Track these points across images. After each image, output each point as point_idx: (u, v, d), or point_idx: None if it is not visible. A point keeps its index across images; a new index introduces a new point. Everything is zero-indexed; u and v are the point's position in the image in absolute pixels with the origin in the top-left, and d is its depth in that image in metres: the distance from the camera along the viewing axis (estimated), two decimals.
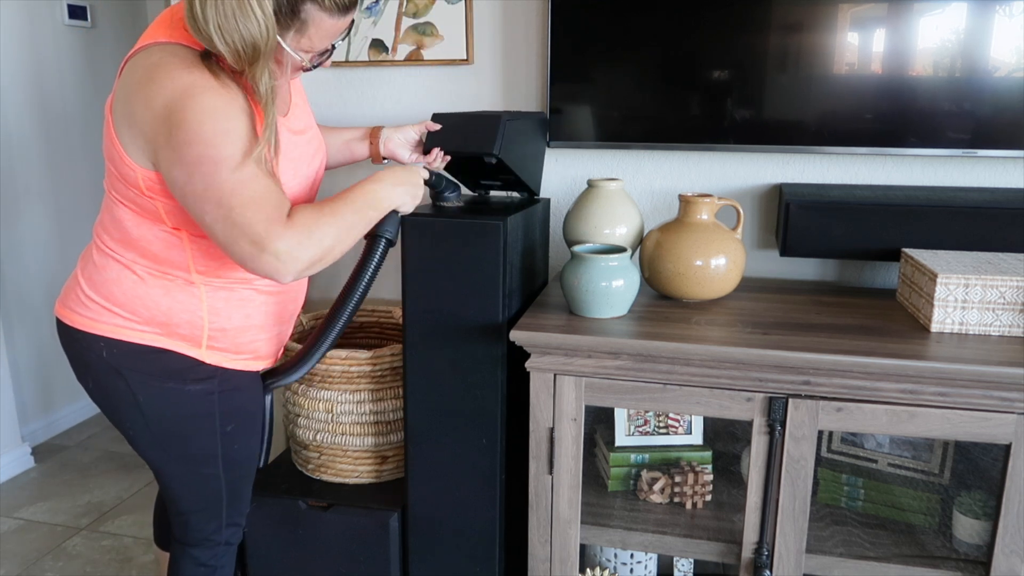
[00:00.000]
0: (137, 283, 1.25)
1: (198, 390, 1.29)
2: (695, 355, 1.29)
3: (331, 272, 2.03)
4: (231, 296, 1.29)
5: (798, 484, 1.31)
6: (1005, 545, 1.27)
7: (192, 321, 1.27)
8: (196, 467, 1.35)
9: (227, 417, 1.34)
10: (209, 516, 1.40)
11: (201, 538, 1.41)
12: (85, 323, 1.27)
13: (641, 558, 1.71)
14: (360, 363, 1.61)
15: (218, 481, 1.37)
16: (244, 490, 1.44)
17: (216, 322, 1.28)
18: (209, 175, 1.08)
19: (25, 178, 2.85)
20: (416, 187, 1.32)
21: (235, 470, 1.39)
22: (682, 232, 1.48)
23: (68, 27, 2.96)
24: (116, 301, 1.26)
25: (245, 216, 1.08)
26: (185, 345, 1.27)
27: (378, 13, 1.83)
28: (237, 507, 1.44)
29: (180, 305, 1.26)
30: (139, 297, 1.25)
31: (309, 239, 1.11)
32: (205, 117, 1.08)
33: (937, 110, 1.57)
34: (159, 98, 1.09)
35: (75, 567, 2.18)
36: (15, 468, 2.74)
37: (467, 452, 1.49)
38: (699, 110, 1.68)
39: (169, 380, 1.28)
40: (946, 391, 1.23)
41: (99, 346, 1.27)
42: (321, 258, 1.14)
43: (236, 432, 1.36)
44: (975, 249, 1.49)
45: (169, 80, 1.09)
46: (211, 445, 1.34)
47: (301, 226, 1.11)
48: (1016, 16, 1.50)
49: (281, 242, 1.09)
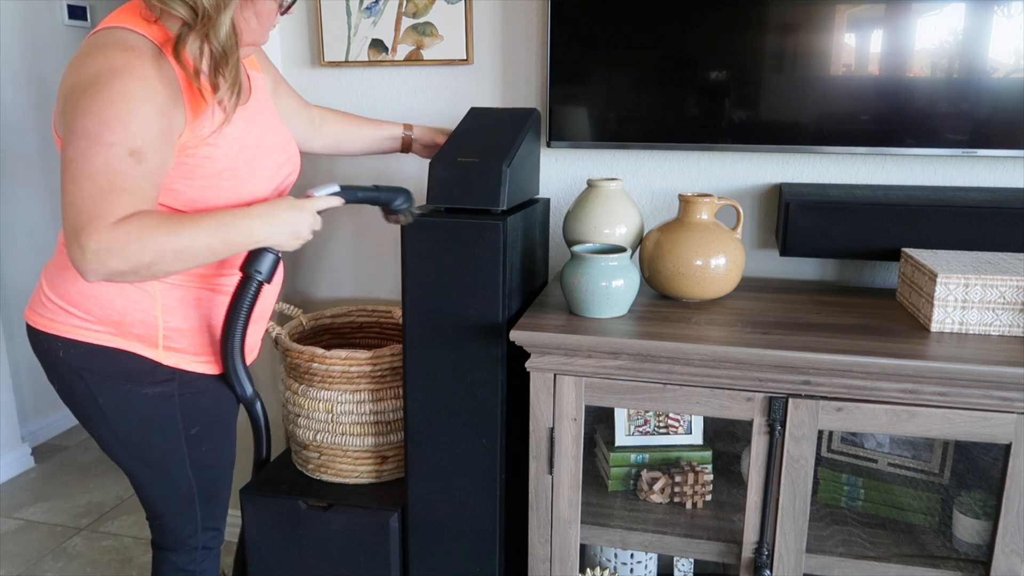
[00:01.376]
0: (91, 283, 1.20)
1: (157, 393, 1.27)
2: (695, 355, 1.29)
3: (332, 271, 2.03)
4: (187, 296, 1.27)
5: (798, 484, 1.32)
6: (1005, 545, 1.27)
7: (146, 320, 1.25)
8: (164, 470, 1.34)
9: (190, 420, 1.32)
10: (184, 520, 1.39)
11: (177, 543, 1.41)
12: (44, 323, 1.27)
13: (641, 558, 1.71)
14: (360, 363, 1.61)
15: (188, 484, 1.36)
16: (219, 493, 1.43)
17: (171, 322, 1.26)
18: (84, 150, 1.06)
19: (25, 179, 2.85)
20: (300, 227, 1.23)
21: (205, 473, 1.37)
22: (682, 232, 1.48)
23: (68, 27, 2.96)
24: (72, 300, 1.24)
25: (84, 201, 1.05)
26: (140, 346, 1.25)
27: (378, 13, 1.83)
28: (212, 511, 1.42)
29: (133, 304, 1.24)
30: (93, 296, 1.23)
31: (122, 250, 1.06)
32: (116, 98, 1.07)
33: (936, 110, 1.57)
34: (88, 70, 1.09)
35: (75, 567, 2.18)
36: (15, 468, 2.74)
37: (467, 452, 1.49)
38: (699, 110, 1.68)
39: (127, 382, 1.26)
40: (946, 391, 1.23)
41: (57, 346, 1.26)
42: (134, 271, 1.08)
43: (202, 435, 1.34)
44: (975, 249, 1.49)
45: (104, 58, 1.09)
46: (176, 448, 1.32)
47: (122, 235, 1.05)
48: (1014, 16, 1.50)
49: (93, 241, 1.04)
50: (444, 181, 1.43)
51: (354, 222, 1.99)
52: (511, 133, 1.51)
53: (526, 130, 1.53)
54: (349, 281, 2.04)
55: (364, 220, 1.98)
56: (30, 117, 2.84)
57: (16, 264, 2.84)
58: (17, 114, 2.79)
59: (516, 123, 1.55)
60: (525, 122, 1.55)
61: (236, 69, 1.17)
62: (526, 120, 1.56)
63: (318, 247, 2.03)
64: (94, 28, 1.16)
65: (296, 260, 2.05)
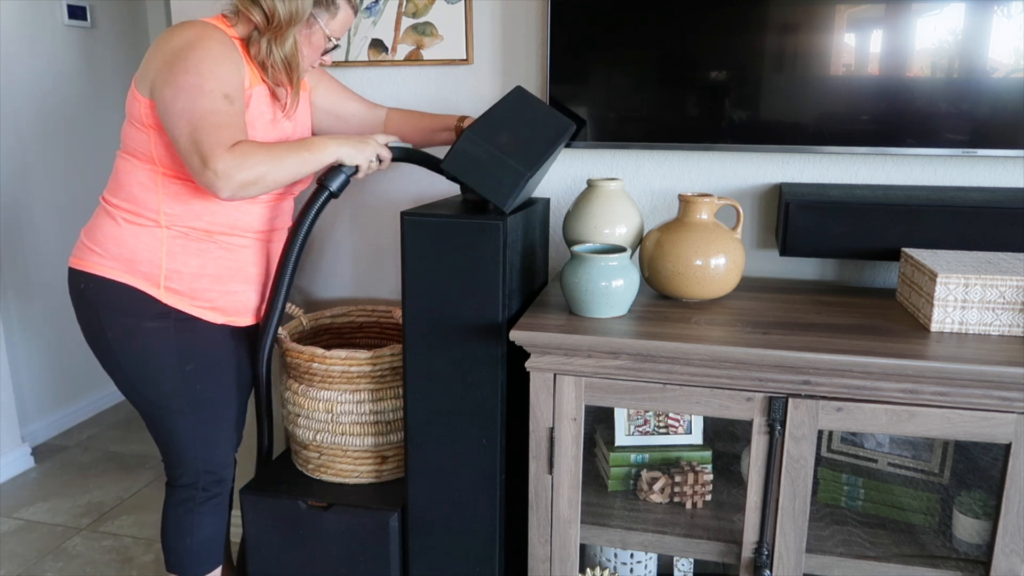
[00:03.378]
0: (113, 226, 1.47)
1: (154, 327, 1.47)
2: (695, 355, 1.29)
3: (332, 271, 2.03)
4: (188, 244, 1.47)
5: (798, 484, 1.32)
6: (1005, 545, 1.27)
7: (152, 260, 1.45)
8: (164, 405, 1.51)
9: (185, 356, 1.49)
10: (184, 459, 1.56)
11: (179, 480, 1.59)
12: (75, 262, 1.51)
13: (641, 558, 1.71)
14: (360, 363, 1.61)
15: (186, 421, 1.53)
16: (216, 436, 1.58)
17: (172, 264, 1.46)
18: (191, 99, 1.33)
19: (25, 180, 2.85)
20: (364, 145, 1.48)
21: (201, 411, 1.53)
22: (682, 232, 1.48)
23: (68, 27, 2.96)
24: (96, 241, 1.48)
25: (203, 136, 1.32)
26: (144, 283, 1.46)
27: (378, 13, 1.83)
28: (210, 454, 1.57)
29: (144, 245, 1.45)
30: (112, 237, 1.46)
31: (244, 163, 1.32)
32: (206, 55, 1.36)
33: (936, 110, 1.57)
34: (175, 40, 1.38)
35: (75, 567, 2.18)
36: (15, 468, 2.74)
37: (467, 452, 1.49)
38: (699, 110, 1.68)
39: (129, 316, 1.46)
40: (946, 391, 1.23)
41: (80, 281, 1.49)
42: (255, 181, 1.34)
43: (198, 372, 1.51)
44: (975, 249, 1.49)
45: (189, 30, 1.39)
46: (174, 383, 1.49)
47: (239, 153, 1.32)
48: (1014, 16, 1.50)
49: (220, 163, 1.31)
50: (466, 154, 1.41)
51: (354, 222, 1.99)
52: (545, 142, 1.47)
53: (559, 144, 1.50)
54: (349, 281, 2.04)
55: (364, 220, 1.98)
56: (30, 117, 2.84)
57: (16, 265, 2.84)
58: (17, 114, 2.79)
59: (553, 132, 1.51)
60: (561, 135, 1.51)
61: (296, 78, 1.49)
62: (562, 133, 1.52)
63: (318, 247, 2.03)
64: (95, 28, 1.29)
65: None
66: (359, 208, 1.98)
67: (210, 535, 1.62)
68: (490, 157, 1.42)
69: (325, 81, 1.68)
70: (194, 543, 1.60)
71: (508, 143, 1.44)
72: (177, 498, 1.60)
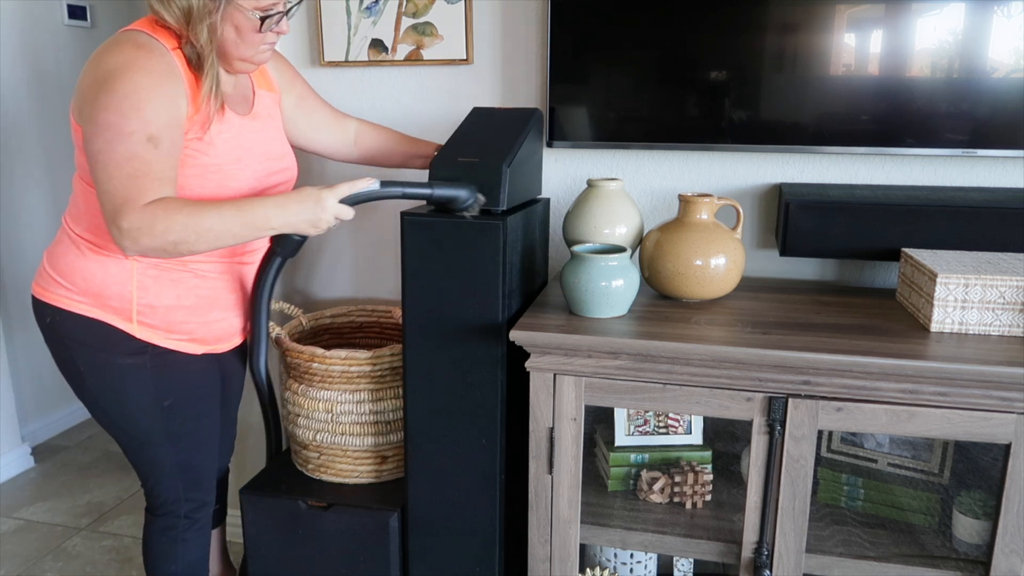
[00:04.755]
0: (78, 256, 1.37)
1: (130, 364, 1.38)
2: (695, 355, 1.29)
3: (332, 271, 2.03)
4: (162, 275, 1.38)
5: (798, 484, 1.32)
6: (1005, 545, 1.27)
7: (122, 294, 1.36)
8: (142, 439, 1.45)
9: (164, 392, 1.42)
10: (165, 488, 1.51)
11: (161, 508, 1.53)
12: (39, 291, 1.41)
13: (641, 558, 1.71)
14: (360, 363, 1.61)
15: (166, 453, 1.47)
16: (199, 465, 1.52)
17: (144, 298, 1.37)
18: (109, 141, 1.21)
19: (25, 178, 2.85)
20: (317, 216, 1.31)
21: (183, 444, 1.48)
22: (682, 232, 1.48)
23: (68, 27, 2.96)
24: (60, 271, 1.38)
25: (116, 186, 1.21)
26: (116, 318, 1.37)
27: (378, 13, 1.83)
28: (193, 482, 1.52)
29: (112, 278, 1.35)
30: (78, 269, 1.36)
31: (151, 229, 1.21)
32: (132, 89, 1.21)
33: (936, 110, 1.57)
34: (103, 65, 1.24)
35: (75, 567, 2.18)
36: (15, 468, 2.74)
37: (467, 452, 1.49)
38: (699, 110, 1.68)
39: (102, 351, 1.38)
40: (946, 391, 1.23)
41: (46, 313, 1.40)
42: (164, 249, 1.23)
43: (177, 407, 1.44)
44: (975, 249, 1.49)
45: (116, 55, 1.24)
46: (151, 418, 1.43)
47: (150, 216, 1.20)
48: (1014, 16, 1.50)
49: (126, 221, 1.20)
50: (442, 174, 1.43)
51: (354, 222, 1.99)
52: (513, 133, 1.51)
53: (528, 130, 1.53)
54: (349, 281, 2.04)
55: (364, 220, 1.98)
56: (30, 117, 2.84)
57: (16, 265, 2.84)
58: (17, 114, 2.79)
59: (518, 123, 1.55)
60: (527, 122, 1.55)
61: (211, 76, 1.30)
62: (528, 120, 1.55)
63: (318, 247, 2.03)
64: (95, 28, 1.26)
65: (296, 260, 2.05)
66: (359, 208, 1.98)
67: (196, 558, 1.59)
68: (465, 171, 1.42)
69: (298, 88, 1.58)
70: (179, 570, 1.56)
71: (478, 150, 1.45)
72: (158, 526, 1.55)
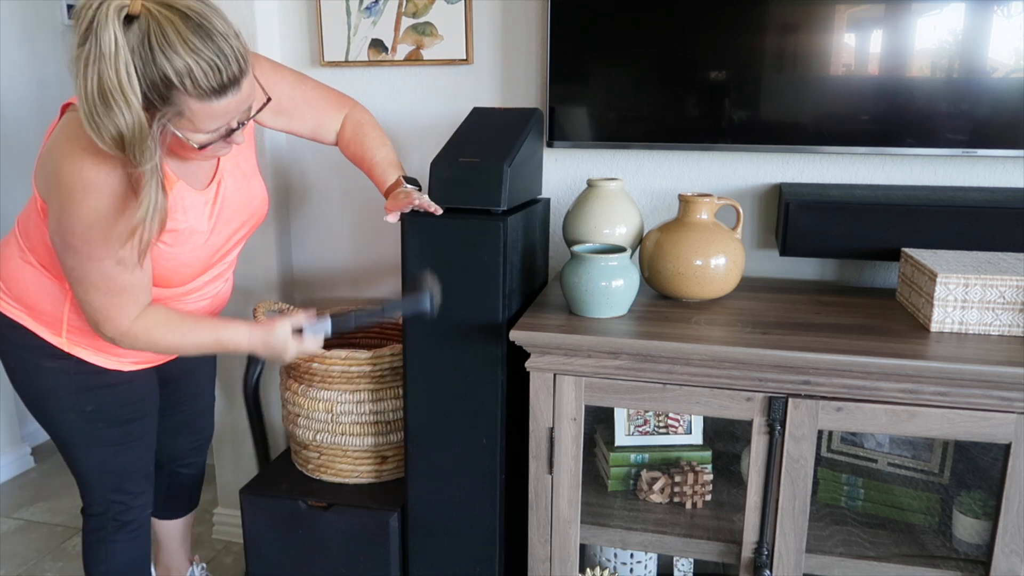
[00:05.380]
0: (19, 266, 1.35)
1: (53, 367, 1.38)
2: (695, 355, 1.29)
3: (331, 271, 2.03)
4: None
5: (798, 484, 1.31)
6: (1005, 545, 1.27)
7: (53, 313, 1.35)
8: (66, 439, 1.45)
9: (84, 397, 1.40)
10: (91, 488, 1.51)
11: (90, 510, 1.53)
12: None
13: (641, 558, 1.71)
14: (360, 363, 1.61)
15: (88, 455, 1.46)
16: (125, 468, 1.50)
17: (75, 321, 1.35)
18: (81, 263, 1.20)
19: (25, 178, 2.85)
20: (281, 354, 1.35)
21: (107, 448, 1.46)
22: (682, 232, 1.48)
23: (68, 27, 2.96)
24: (1, 276, 1.38)
25: (95, 303, 1.23)
26: (46, 331, 1.37)
27: (378, 13, 1.83)
28: (119, 485, 1.50)
29: (46, 296, 1.35)
30: (17, 280, 1.36)
31: (133, 344, 1.27)
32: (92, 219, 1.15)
33: (936, 110, 1.57)
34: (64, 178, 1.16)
35: (75, 567, 2.18)
36: (15, 468, 2.74)
37: (467, 452, 1.49)
38: (699, 110, 1.68)
39: (27, 352, 1.38)
40: (946, 391, 1.23)
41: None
42: (151, 348, 1.30)
43: (99, 415, 1.42)
44: (975, 249, 1.49)
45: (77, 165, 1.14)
46: (75, 423, 1.42)
47: (132, 337, 1.26)
48: (1014, 16, 1.50)
49: (109, 333, 1.25)
50: (445, 181, 1.43)
51: (354, 222, 1.99)
52: (512, 133, 1.51)
53: (528, 130, 1.53)
54: (349, 281, 2.04)
55: (364, 220, 1.98)
56: (30, 117, 2.84)
57: None
58: (17, 114, 2.79)
59: (518, 123, 1.55)
60: (527, 122, 1.55)
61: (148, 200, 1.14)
62: (528, 120, 1.55)
63: (318, 247, 2.03)
64: None
65: (296, 260, 2.06)
66: (359, 208, 1.98)
67: (126, 561, 1.56)
68: (465, 171, 1.42)
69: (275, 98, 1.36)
70: (109, 571, 1.56)
71: (478, 150, 1.45)
72: (89, 527, 1.54)
